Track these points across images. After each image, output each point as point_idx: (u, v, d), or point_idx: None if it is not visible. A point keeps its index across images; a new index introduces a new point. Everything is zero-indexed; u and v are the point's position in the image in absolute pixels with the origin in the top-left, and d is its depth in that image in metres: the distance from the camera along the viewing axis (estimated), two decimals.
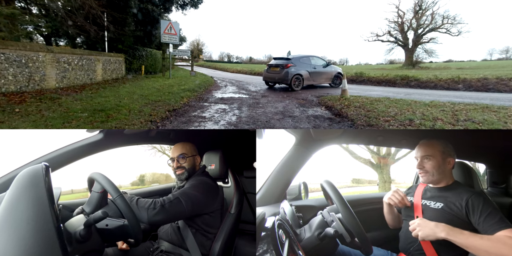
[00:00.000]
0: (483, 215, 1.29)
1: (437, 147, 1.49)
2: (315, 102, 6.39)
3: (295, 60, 8.69)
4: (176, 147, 1.74)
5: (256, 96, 7.24)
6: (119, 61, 10.36)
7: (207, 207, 1.60)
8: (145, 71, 12.06)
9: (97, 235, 1.25)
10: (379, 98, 6.38)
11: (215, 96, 7.12)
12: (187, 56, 13.35)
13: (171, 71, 11.19)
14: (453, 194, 1.42)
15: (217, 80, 12.12)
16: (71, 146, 1.79)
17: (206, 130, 3.51)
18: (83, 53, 8.04)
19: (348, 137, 2.22)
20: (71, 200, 2.02)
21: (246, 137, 2.09)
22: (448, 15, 23.01)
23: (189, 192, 1.52)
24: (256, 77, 15.32)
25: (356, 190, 6.58)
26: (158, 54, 13.35)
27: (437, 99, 6.36)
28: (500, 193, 2.58)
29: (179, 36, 11.22)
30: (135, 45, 11.82)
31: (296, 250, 1.20)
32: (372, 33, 25.62)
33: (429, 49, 24.06)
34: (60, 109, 4.31)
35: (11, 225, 0.78)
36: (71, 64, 7.29)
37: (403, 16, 24.36)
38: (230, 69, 21.89)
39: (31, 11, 8.22)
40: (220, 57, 29.96)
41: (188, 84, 8.48)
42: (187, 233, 1.58)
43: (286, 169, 1.95)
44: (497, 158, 2.48)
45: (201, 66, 26.03)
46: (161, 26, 10.65)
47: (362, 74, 12.80)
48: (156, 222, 1.38)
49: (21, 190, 0.88)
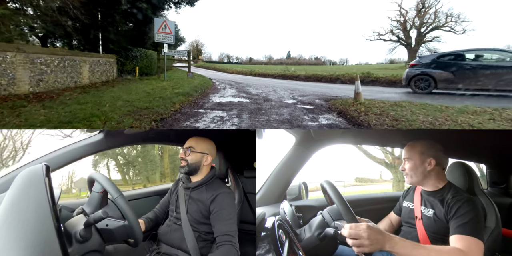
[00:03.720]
0: (455, 215, 1.26)
1: (417, 148, 1.47)
2: (324, 107, 5.68)
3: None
4: (190, 138, 1.68)
5: (258, 100, 6.55)
6: (110, 62, 9.58)
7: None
8: (140, 73, 11.41)
9: (97, 235, 1.25)
10: (399, 102, 5.45)
11: (212, 101, 6.38)
12: (185, 57, 12.68)
13: (168, 73, 10.67)
14: (441, 198, 1.39)
15: (215, 82, 11.41)
16: (71, 146, 1.79)
17: (206, 130, 3.51)
18: (65, 53, 7.25)
19: (348, 137, 2.22)
20: (71, 200, 2.02)
21: (246, 137, 2.08)
22: (452, 13, 22.50)
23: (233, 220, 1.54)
24: (256, 78, 14.72)
25: (364, 188, 6.63)
26: (154, 55, 12.49)
27: (462, 102, 5.21)
28: (500, 193, 2.58)
29: (175, 35, 10.78)
30: (129, 45, 11.26)
31: (296, 250, 1.20)
32: (374, 32, 25.14)
33: (432, 48, 23.40)
34: (15, 121, 3.55)
35: (11, 225, 0.78)
36: (50, 65, 6.45)
37: (405, 14, 23.87)
38: (230, 70, 21.16)
39: (25, 12, 7.78)
40: (220, 58, 29.98)
41: (184, 87, 7.76)
42: (190, 237, 1.54)
43: (286, 169, 1.95)
44: (497, 158, 2.48)
45: (200, 67, 25.71)
46: (154, 25, 9.93)
47: (370, 74, 11.73)
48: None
49: (21, 190, 0.88)
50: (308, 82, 13.19)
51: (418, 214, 1.47)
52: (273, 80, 14.13)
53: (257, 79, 14.23)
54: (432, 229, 1.37)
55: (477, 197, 1.66)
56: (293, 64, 25.26)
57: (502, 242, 1.63)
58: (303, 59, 31.13)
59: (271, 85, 10.55)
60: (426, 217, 1.41)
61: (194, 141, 1.65)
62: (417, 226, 1.45)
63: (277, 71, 17.22)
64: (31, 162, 1.64)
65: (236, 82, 11.91)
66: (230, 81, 12.48)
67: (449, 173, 1.71)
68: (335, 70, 17.75)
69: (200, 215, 1.55)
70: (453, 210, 1.28)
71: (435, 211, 1.39)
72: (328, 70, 17.21)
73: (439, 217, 1.35)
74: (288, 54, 32.13)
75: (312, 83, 12.35)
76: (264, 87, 9.76)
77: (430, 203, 1.44)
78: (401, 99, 5.90)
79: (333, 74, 13.50)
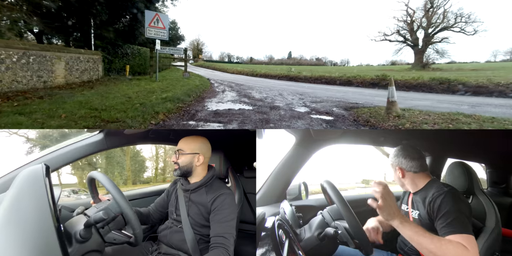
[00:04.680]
0: (439, 214, 1.22)
1: (390, 158, 1.50)
2: (348, 118, 4.66)
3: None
4: (180, 140, 1.64)
5: (262, 108, 5.51)
6: (94, 60, 8.42)
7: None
8: (133, 72, 10.43)
9: (97, 235, 1.25)
10: (450, 114, 4.50)
11: (207, 108, 5.35)
12: (181, 55, 11.77)
13: (164, 73, 9.97)
14: (423, 196, 1.37)
15: (214, 83, 10.57)
16: (71, 146, 1.79)
17: (206, 130, 3.51)
18: (27, 47, 5.98)
19: (349, 138, 2.22)
20: (71, 200, 2.02)
21: (246, 137, 2.08)
22: (462, 13, 21.12)
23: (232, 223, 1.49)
24: (258, 79, 13.90)
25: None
26: (149, 53, 11.40)
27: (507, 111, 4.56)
28: (500, 193, 2.58)
29: (174, 33, 10.12)
30: (120, 41, 10.15)
31: (296, 250, 1.20)
32: (380, 33, 23.95)
33: (440, 49, 22.38)
34: None
35: (11, 225, 0.78)
36: (5, 61, 5.34)
37: (412, 14, 22.75)
38: (230, 70, 20.10)
39: (21, 7, 7.12)
40: (221, 57, 29.84)
41: (175, 90, 6.74)
42: (191, 239, 1.53)
43: (286, 169, 1.95)
44: (497, 158, 2.48)
45: (200, 66, 25.22)
46: (145, 18, 8.67)
47: (385, 77, 10.38)
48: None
49: (21, 190, 0.88)
50: (315, 84, 12.26)
51: (410, 217, 1.46)
52: (276, 81, 13.35)
53: (259, 80, 13.43)
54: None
55: (475, 196, 1.65)
56: (294, 65, 25.08)
57: (502, 242, 1.63)
58: (304, 60, 31.07)
59: (276, 88, 9.65)
60: (414, 220, 1.40)
61: (183, 143, 1.60)
62: None
63: (280, 71, 16.41)
64: (31, 162, 1.64)
65: (237, 83, 11.08)
66: (230, 82, 11.67)
67: (449, 173, 1.72)
68: (336, 71, 17.10)
69: (201, 218, 1.53)
70: (435, 208, 1.25)
71: (419, 211, 1.37)
72: (333, 71, 16.51)
73: (423, 218, 1.33)
74: (289, 54, 32.04)
75: (321, 86, 11.41)
76: (268, 90, 8.80)
77: (416, 204, 1.43)
78: (447, 109, 5.02)
79: (343, 76, 12.51)
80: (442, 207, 1.22)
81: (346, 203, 1.29)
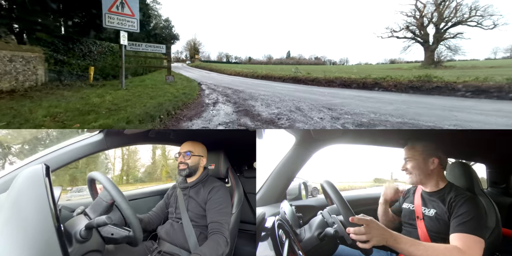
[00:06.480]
0: (457, 214, 1.28)
1: (417, 148, 1.50)
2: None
3: None
4: (186, 143, 1.82)
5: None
6: (32, 60, 5.96)
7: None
8: (102, 75, 7.87)
9: (98, 235, 1.25)
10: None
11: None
12: (167, 54, 8.38)
13: (146, 76, 7.10)
14: (443, 198, 1.40)
15: (204, 90, 7.99)
16: (71, 146, 1.79)
17: (206, 130, 3.51)
18: None
19: (349, 138, 2.22)
20: (71, 200, 2.02)
21: (246, 137, 2.09)
22: (477, 6, 19.08)
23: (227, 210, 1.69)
24: (260, 82, 11.30)
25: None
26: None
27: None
28: (500, 193, 2.58)
29: (163, 29, 7.54)
30: (78, 35, 7.64)
31: (296, 250, 1.20)
32: (388, 29, 21.94)
33: (453, 45, 20.15)
34: None
35: (11, 225, 0.78)
36: None
37: (422, 9, 20.77)
38: (228, 71, 17.29)
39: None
40: (219, 57, 29.63)
41: (135, 106, 4.15)
42: (191, 233, 1.60)
43: (286, 169, 1.96)
44: (497, 158, 2.48)
45: (195, 67, 23.13)
46: (103, 0, 5.88)
47: (430, 78, 7.84)
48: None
49: (21, 190, 0.88)
50: (331, 88, 9.51)
51: (419, 215, 1.47)
52: (282, 85, 10.43)
53: (261, 83, 10.88)
54: (434, 229, 1.37)
55: (477, 197, 1.65)
56: (293, 64, 24.89)
57: (502, 242, 1.63)
58: (303, 59, 30.99)
59: (287, 97, 6.73)
60: (428, 217, 1.42)
61: (191, 145, 1.79)
62: (418, 226, 1.45)
63: (283, 72, 13.53)
64: (31, 162, 1.64)
65: (235, 89, 8.26)
66: (225, 87, 8.89)
67: (449, 173, 1.71)
68: (336, 70, 16.30)
69: (200, 209, 1.66)
70: (455, 208, 1.30)
71: (437, 210, 1.39)
72: (333, 70, 14.87)
73: (441, 217, 1.35)
74: (288, 53, 31.99)
75: (344, 92, 8.35)
76: (278, 100, 6.07)
77: (431, 203, 1.44)
78: None
79: (367, 77, 9.66)
80: (463, 208, 1.28)
81: (346, 203, 1.29)
